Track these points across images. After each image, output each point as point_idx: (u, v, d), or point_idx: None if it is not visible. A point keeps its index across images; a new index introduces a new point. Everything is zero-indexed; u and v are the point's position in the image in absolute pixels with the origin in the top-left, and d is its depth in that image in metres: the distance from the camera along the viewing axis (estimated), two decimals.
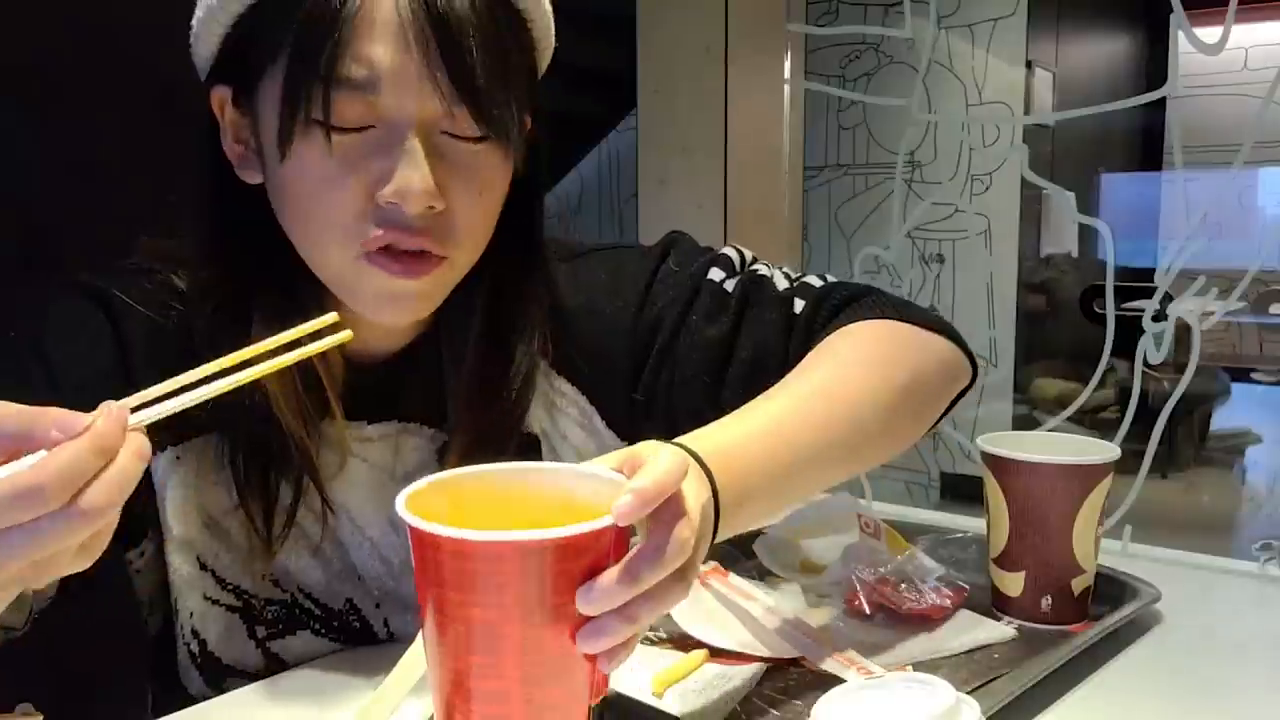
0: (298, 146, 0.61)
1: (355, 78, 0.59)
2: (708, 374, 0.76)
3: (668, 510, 0.48)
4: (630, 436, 0.79)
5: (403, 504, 0.47)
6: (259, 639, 0.72)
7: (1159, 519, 1.06)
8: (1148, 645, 0.77)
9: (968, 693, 0.55)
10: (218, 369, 0.47)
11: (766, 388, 0.69)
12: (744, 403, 0.67)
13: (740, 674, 0.68)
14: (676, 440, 0.58)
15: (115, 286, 0.69)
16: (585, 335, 0.79)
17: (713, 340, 0.77)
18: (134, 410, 0.45)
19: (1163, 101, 0.96)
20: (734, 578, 0.78)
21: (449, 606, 0.45)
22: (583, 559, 0.46)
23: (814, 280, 0.84)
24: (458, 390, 0.72)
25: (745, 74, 2.27)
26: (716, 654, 0.70)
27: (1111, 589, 0.81)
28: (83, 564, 0.45)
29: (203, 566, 0.71)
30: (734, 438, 0.61)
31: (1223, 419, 4.08)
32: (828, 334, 0.75)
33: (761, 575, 0.85)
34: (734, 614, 0.74)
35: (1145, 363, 0.97)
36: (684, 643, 0.72)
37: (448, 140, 0.63)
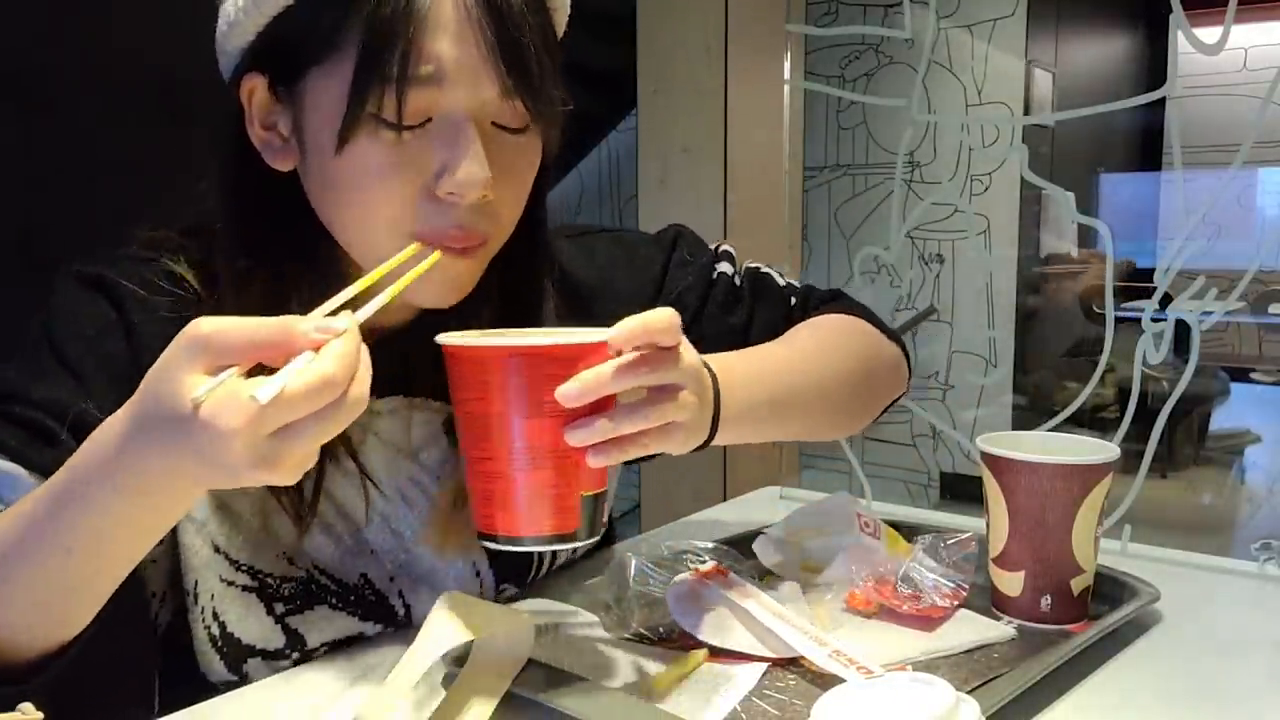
0: (357, 139, 0.62)
1: (423, 75, 0.61)
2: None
3: (666, 354, 0.58)
4: None
5: (442, 337, 0.59)
6: (278, 615, 0.73)
7: (1158, 519, 1.06)
8: (1147, 645, 0.77)
9: (968, 693, 0.56)
10: (325, 312, 0.52)
11: None
12: None
13: (740, 674, 0.68)
14: None
15: (113, 273, 0.70)
16: (601, 308, 0.81)
17: (733, 328, 0.87)
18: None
19: (1162, 101, 0.96)
20: (734, 578, 0.78)
21: (460, 405, 0.59)
22: (571, 369, 0.57)
23: (795, 281, 0.95)
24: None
25: (745, 74, 2.27)
26: (716, 654, 0.71)
27: (1111, 589, 0.81)
28: (293, 478, 0.50)
29: (216, 549, 0.72)
30: (734, 359, 0.73)
31: (1222, 419, 4.08)
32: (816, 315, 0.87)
33: (761, 575, 0.85)
34: (734, 614, 0.74)
35: (1145, 363, 0.97)
36: (684, 643, 0.72)
37: (495, 130, 0.65)
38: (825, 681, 0.65)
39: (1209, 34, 0.89)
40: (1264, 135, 0.89)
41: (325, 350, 0.48)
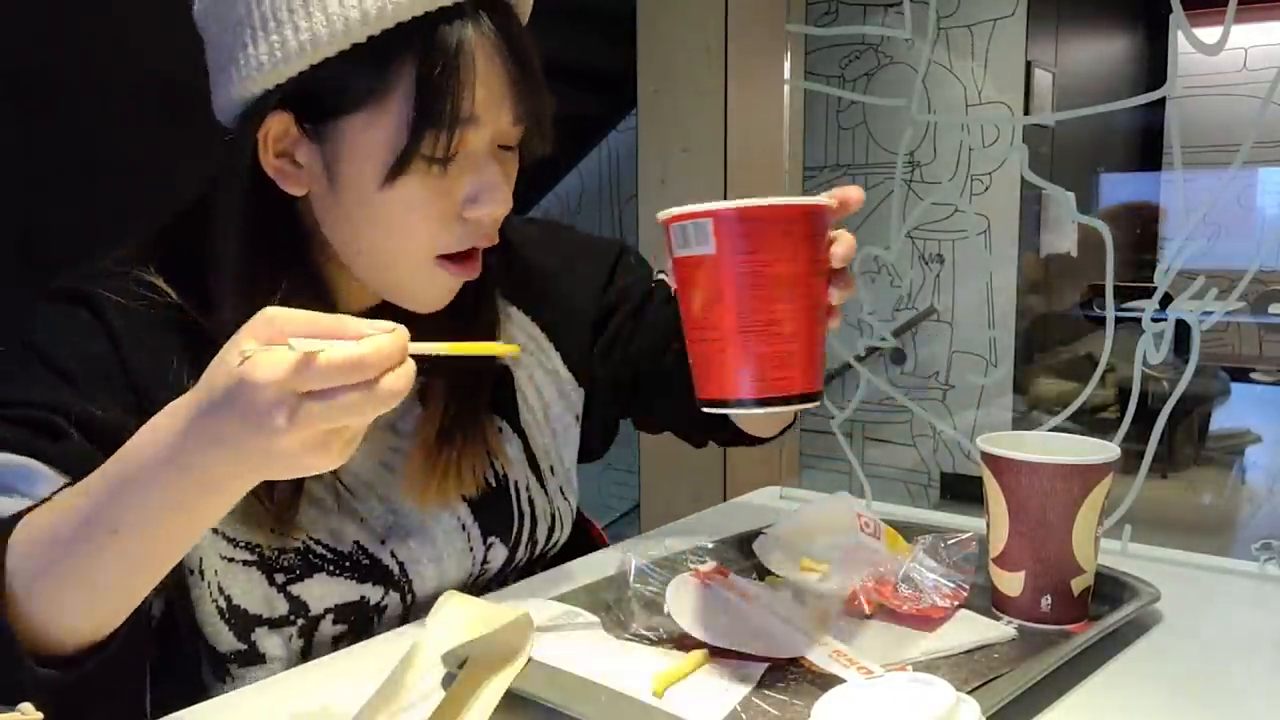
0: (405, 174, 0.70)
1: (464, 118, 0.70)
2: (656, 345, 0.95)
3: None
4: (582, 379, 0.96)
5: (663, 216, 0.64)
6: (279, 585, 0.77)
7: (1159, 519, 1.06)
8: (1148, 645, 0.77)
9: (968, 693, 0.56)
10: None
11: None
12: (679, 366, 0.82)
13: (740, 674, 0.68)
14: None
15: (89, 286, 0.74)
16: (558, 289, 0.95)
17: (666, 323, 0.93)
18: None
19: (1162, 101, 0.96)
20: (734, 578, 0.78)
21: (758, 271, 0.61)
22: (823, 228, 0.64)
23: None
24: (436, 332, 0.79)
25: (745, 74, 2.27)
26: (716, 654, 0.71)
27: (1111, 589, 0.81)
28: (339, 461, 0.54)
29: (213, 529, 0.75)
30: None
31: (1222, 419, 4.08)
32: None
33: (761, 575, 0.85)
34: (734, 614, 0.74)
35: (1145, 363, 0.97)
36: (684, 643, 0.72)
37: (498, 150, 0.75)
38: (825, 681, 0.65)
39: (1209, 34, 0.89)
40: (1264, 135, 0.89)
41: (366, 339, 0.52)
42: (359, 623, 0.81)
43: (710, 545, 0.84)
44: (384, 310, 0.79)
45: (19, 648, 0.58)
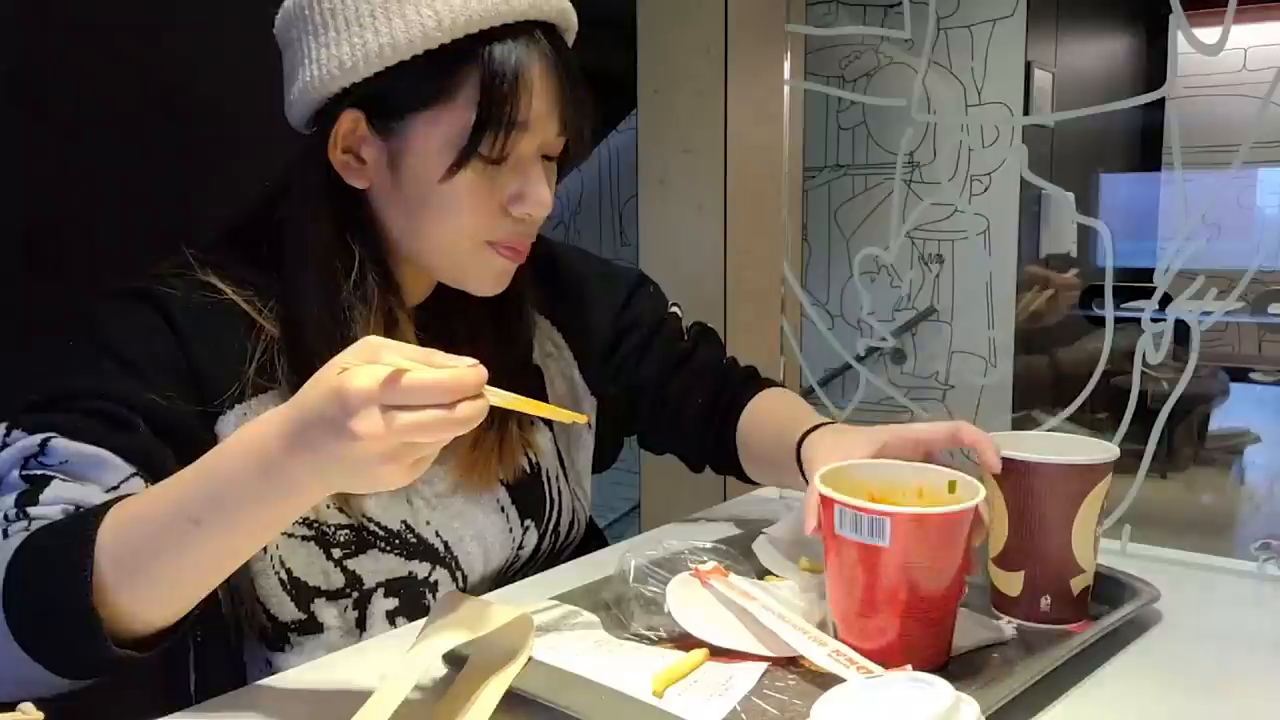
0: (463, 170, 0.77)
1: (519, 123, 0.77)
2: (662, 374, 1.04)
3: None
4: (594, 390, 1.03)
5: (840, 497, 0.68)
6: (335, 559, 0.83)
7: (1158, 519, 1.06)
8: (1147, 645, 0.77)
9: (967, 692, 0.56)
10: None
11: (699, 388, 1.04)
12: (679, 392, 1.03)
13: (740, 674, 0.68)
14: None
15: (152, 284, 0.79)
16: (581, 304, 1.03)
17: (682, 352, 1.05)
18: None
19: (1162, 102, 0.96)
20: (734, 578, 0.78)
21: (928, 567, 0.67)
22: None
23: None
24: (479, 329, 0.90)
25: (745, 74, 2.27)
26: (716, 653, 0.71)
27: (1111, 588, 0.81)
28: (408, 479, 0.59)
29: None
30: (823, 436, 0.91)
31: (1221, 419, 4.08)
32: (747, 388, 1.05)
33: (761, 575, 0.85)
34: (734, 614, 0.74)
35: (1145, 363, 0.97)
36: (684, 642, 0.72)
37: (542, 158, 0.82)
38: (825, 681, 0.65)
39: (1209, 34, 0.89)
40: (1263, 135, 0.89)
41: (452, 369, 0.57)
42: (409, 597, 0.86)
43: (710, 545, 0.84)
44: (437, 301, 0.89)
45: (103, 631, 0.62)
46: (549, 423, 0.98)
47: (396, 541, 0.86)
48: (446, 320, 0.89)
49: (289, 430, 0.58)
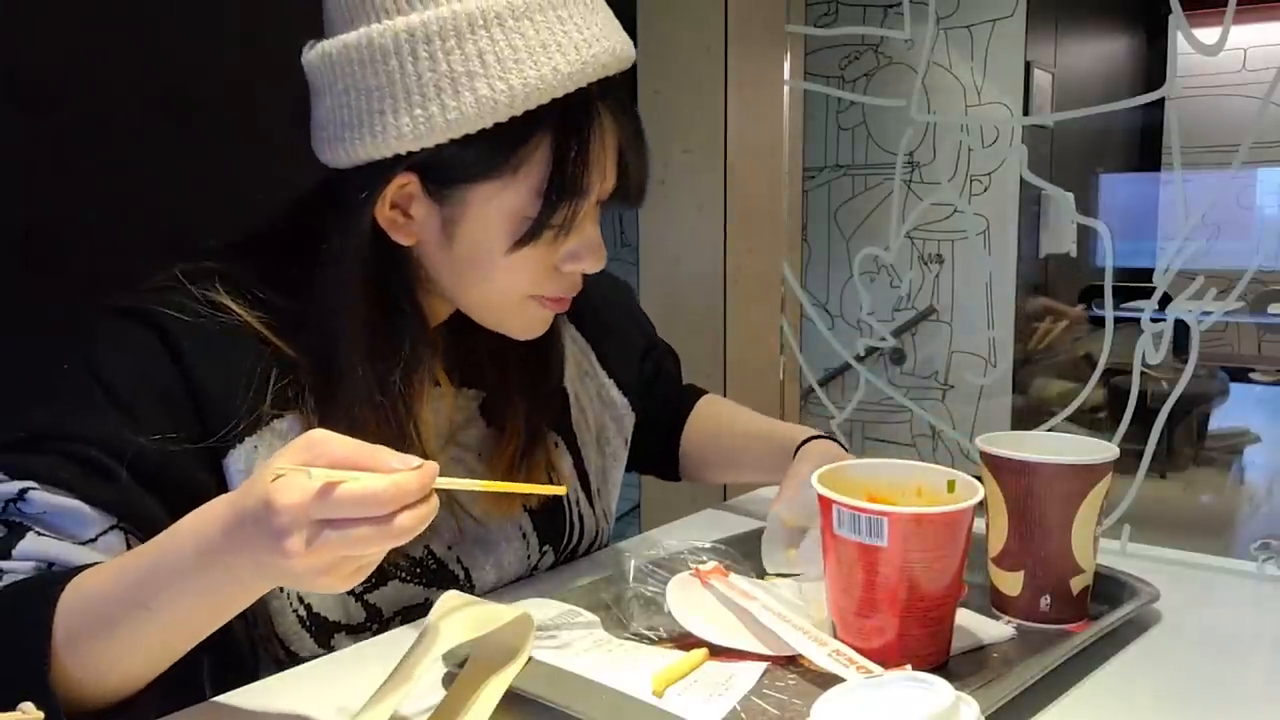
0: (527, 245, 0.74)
1: (592, 189, 0.75)
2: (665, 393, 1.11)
3: None
4: (634, 405, 1.04)
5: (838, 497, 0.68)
6: (356, 594, 0.81)
7: (1158, 519, 1.06)
8: (1147, 645, 0.77)
9: (968, 693, 0.56)
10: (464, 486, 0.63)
11: (666, 406, 1.12)
12: (651, 407, 1.07)
13: (740, 673, 0.68)
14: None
15: (155, 303, 0.74)
16: (611, 321, 1.04)
17: (665, 373, 1.12)
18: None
19: (1162, 102, 0.96)
20: (734, 578, 0.78)
21: (930, 564, 0.67)
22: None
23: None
24: (505, 355, 0.88)
25: (745, 74, 2.27)
26: (716, 653, 0.71)
27: (1110, 588, 0.81)
28: (346, 586, 0.57)
29: None
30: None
31: (1221, 419, 4.08)
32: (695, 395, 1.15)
33: (761, 575, 0.85)
34: (734, 614, 0.74)
35: (1145, 363, 0.97)
36: (684, 642, 0.72)
37: (593, 208, 0.79)
38: (825, 681, 0.65)
39: (1208, 34, 0.89)
40: (1263, 135, 0.89)
41: (390, 475, 0.54)
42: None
43: (710, 545, 0.84)
44: (455, 324, 0.85)
45: (58, 703, 0.60)
46: (574, 448, 0.96)
47: (419, 570, 0.84)
48: (467, 339, 0.87)
49: (230, 526, 0.57)
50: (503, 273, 0.76)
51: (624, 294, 1.11)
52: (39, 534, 0.67)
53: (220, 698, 0.70)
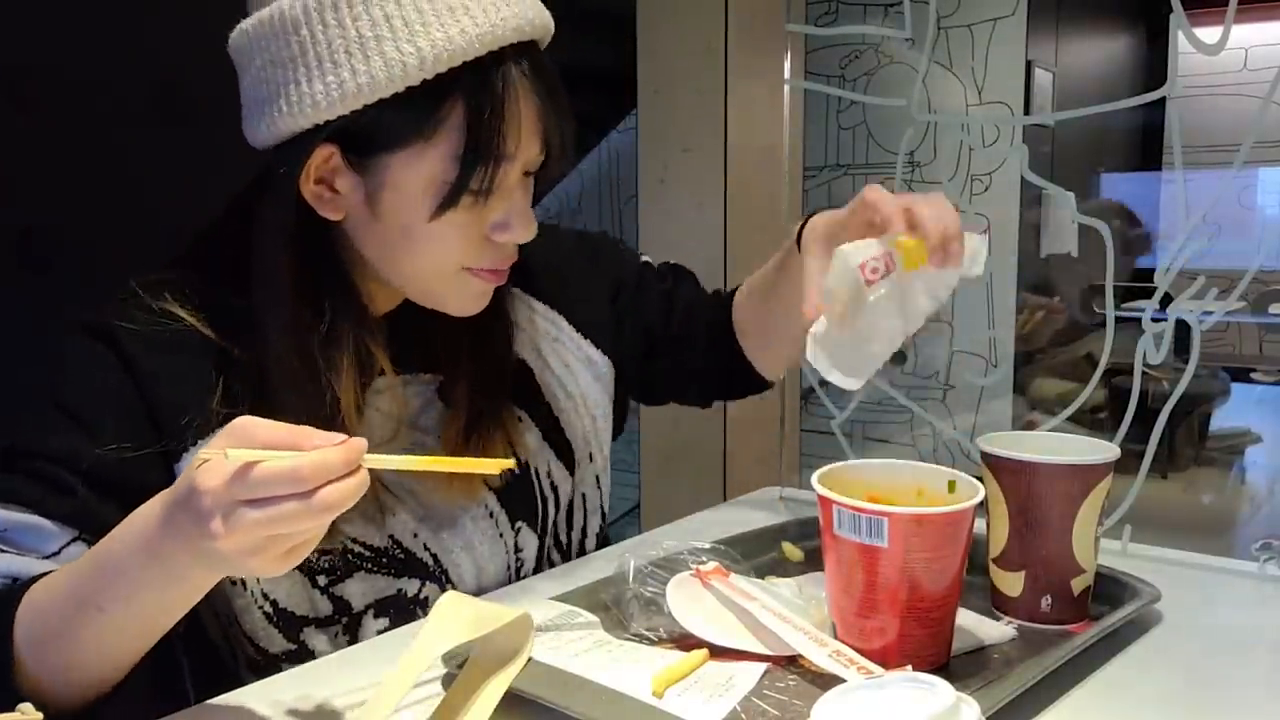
0: (453, 206, 0.74)
1: (508, 154, 0.74)
2: (658, 317, 1.03)
3: None
4: (611, 357, 1.00)
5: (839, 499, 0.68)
6: (321, 587, 0.81)
7: (1159, 519, 1.06)
8: (1148, 645, 0.77)
9: (968, 693, 0.55)
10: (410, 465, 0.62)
11: (698, 315, 1.04)
12: (680, 328, 1.02)
13: (740, 674, 0.68)
14: None
15: (111, 317, 0.77)
16: (570, 279, 1.00)
17: (664, 293, 1.04)
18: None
19: (1162, 101, 0.96)
20: (734, 578, 0.78)
21: (931, 563, 0.66)
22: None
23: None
24: (455, 331, 0.86)
25: (745, 74, 2.27)
26: (716, 653, 0.71)
27: (1111, 589, 0.81)
28: (282, 568, 0.58)
29: None
30: None
31: (1222, 419, 4.08)
32: (729, 296, 1.05)
33: (761, 575, 0.85)
34: (734, 614, 0.74)
35: (1145, 362, 0.96)
36: (684, 642, 0.72)
37: (523, 177, 0.79)
38: (825, 681, 0.65)
39: (1209, 34, 0.89)
40: (1264, 135, 0.89)
41: (312, 452, 0.55)
42: (399, 615, 0.84)
43: (710, 545, 0.84)
44: (408, 310, 0.85)
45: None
46: (541, 419, 0.94)
47: (384, 560, 0.84)
48: (419, 324, 0.86)
49: (164, 518, 0.58)
50: (430, 244, 0.76)
51: (589, 244, 1.06)
52: (2, 551, 0.70)
53: (208, 702, 0.70)
